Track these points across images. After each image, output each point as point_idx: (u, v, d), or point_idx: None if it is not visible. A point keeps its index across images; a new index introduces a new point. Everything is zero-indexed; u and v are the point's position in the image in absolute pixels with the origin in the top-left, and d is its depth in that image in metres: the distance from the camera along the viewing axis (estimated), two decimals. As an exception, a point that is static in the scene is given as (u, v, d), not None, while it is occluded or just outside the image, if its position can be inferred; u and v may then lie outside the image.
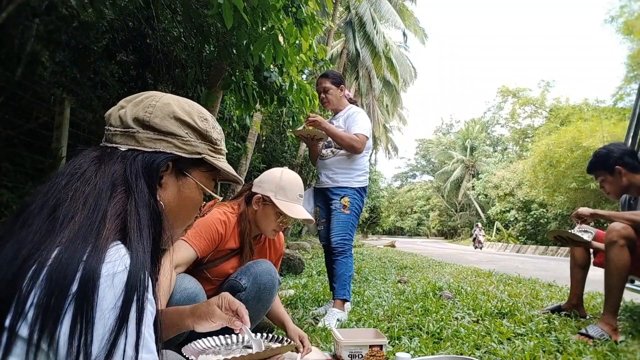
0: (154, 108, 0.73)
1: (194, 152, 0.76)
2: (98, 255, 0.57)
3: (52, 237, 0.58)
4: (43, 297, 0.53)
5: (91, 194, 0.63)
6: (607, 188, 2.34)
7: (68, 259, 0.55)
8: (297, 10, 3.00)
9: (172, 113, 0.74)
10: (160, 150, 0.72)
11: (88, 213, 0.61)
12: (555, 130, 19.06)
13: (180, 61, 4.38)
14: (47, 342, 0.53)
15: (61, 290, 0.53)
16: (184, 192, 0.78)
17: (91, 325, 0.54)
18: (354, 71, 16.91)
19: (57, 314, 0.53)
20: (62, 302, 0.53)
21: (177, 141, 0.74)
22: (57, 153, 3.44)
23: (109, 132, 0.73)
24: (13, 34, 3.48)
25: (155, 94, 0.76)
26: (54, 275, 0.54)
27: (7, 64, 3.51)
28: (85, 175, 0.65)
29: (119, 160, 0.69)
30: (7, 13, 2.79)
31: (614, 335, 1.93)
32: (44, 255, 0.56)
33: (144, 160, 0.70)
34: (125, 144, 0.71)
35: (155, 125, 0.72)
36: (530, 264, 8.71)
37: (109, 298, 0.55)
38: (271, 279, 1.62)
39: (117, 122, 0.72)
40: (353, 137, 2.54)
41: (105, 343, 0.54)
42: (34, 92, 3.68)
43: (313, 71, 8.92)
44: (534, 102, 25.87)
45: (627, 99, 18.69)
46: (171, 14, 4.17)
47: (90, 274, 0.55)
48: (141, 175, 0.69)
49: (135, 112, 0.73)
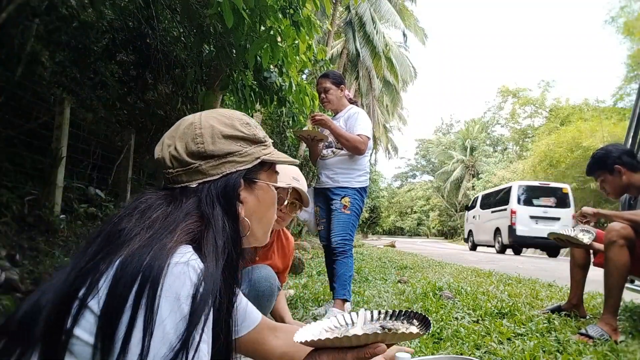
0: (202, 137, 0.74)
1: (253, 159, 0.78)
2: (167, 252, 0.59)
3: (118, 249, 0.61)
4: (111, 294, 0.56)
5: (164, 219, 0.65)
6: (607, 188, 2.34)
7: (137, 255, 0.58)
8: (295, 12, 3.01)
9: (220, 133, 0.75)
10: (227, 172, 0.74)
11: (160, 230, 0.63)
12: (555, 130, 19.08)
13: (180, 61, 4.39)
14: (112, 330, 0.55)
15: (127, 282, 0.56)
16: (261, 197, 0.81)
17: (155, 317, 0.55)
18: (354, 71, 16.92)
19: (122, 303, 0.55)
20: (127, 296, 0.55)
21: (237, 157, 0.76)
22: (57, 153, 3.44)
23: (170, 174, 0.74)
24: (13, 34, 3.48)
25: (192, 120, 0.77)
26: (123, 268, 0.57)
27: (7, 64, 3.51)
28: (156, 207, 0.68)
29: (193, 196, 0.71)
30: (7, 13, 2.80)
31: (614, 335, 1.93)
32: (109, 261, 0.60)
33: (217, 188, 0.72)
34: (194, 180, 0.73)
35: (212, 152, 0.73)
36: (530, 264, 8.71)
37: (175, 290, 0.57)
38: (270, 287, 1.60)
39: (174, 163, 0.73)
40: (357, 139, 2.53)
41: (176, 336, 0.55)
42: (34, 92, 3.68)
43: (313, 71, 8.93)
44: (534, 102, 25.89)
45: (627, 99, 18.71)
46: (171, 14, 4.17)
47: (157, 266, 0.57)
48: (217, 204, 0.71)
49: (187, 146, 0.73)
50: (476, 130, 40.33)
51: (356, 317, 0.89)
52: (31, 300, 0.62)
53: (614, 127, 14.64)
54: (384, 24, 16.92)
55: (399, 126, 32.28)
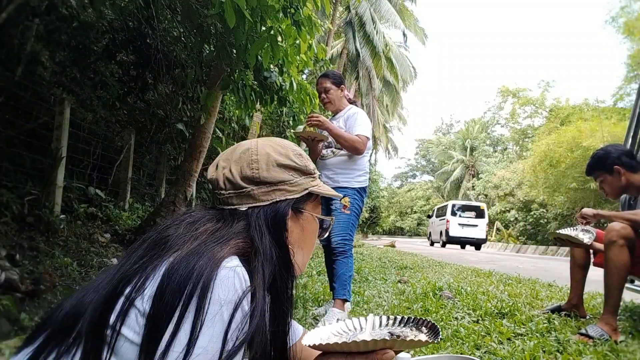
0: (257, 163, 0.76)
1: (302, 189, 0.80)
2: (217, 260, 0.61)
3: (165, 254, 0.64)
4: (156, 301, 0.58)
5: (210, 230, 0.68)
6: (606, 188, 2.34)
7: (185, 262, 0.60)
8: (296, 11, 3.01)
9: (275, 161, 0.77)
10: (277, 199, 0.76)
11: (207, 239, 0.66)
12: (555, 130, 19.06)
13: (180, 61, 4.39)
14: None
15: (175, 288, 0.58)
16: (306, 227, 0.83)
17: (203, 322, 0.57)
18: (354, 71, 16.92)
19: (171, 308, 0.57)
20: (176, 299, 0.57)
21: (287, 186, 0.78)
22: (57, 153, 3.44)
23: (222, 195, 0.76)
24: (13, 34, 3.49)
25: (249, 145, 0.79)
26: (171, 272, 0.59)
27: (7, 64, 3.51)
28: (205, 223, 0.70)
29: (242, 219, 0.73)
30: (7, 13, 2.79)
31: (614, 335, 1.93)
32: (154, 266, 0.62)
33: (267, 214, 0.74)
34: (244, 204, 0.75)
35: (265, 179, 0.76)
36: (530, 264, 8.71)
37: (222, 296, 0.59)
38: None
39: (227, 185, 0.75)
40: (355, 139, 2.53)
41: (218, 336, 0.58)
42: (34, 92, 3.68)
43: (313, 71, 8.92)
44: (534, 102, 25.87)
45: (627, 99, 18.71)
46: (171, 14, 4.17)
47: (207, 274, 0.59)
48: (266, 230, 0.72)
49: (242, 171, 0.75)
50: (476, 130, 40.32)
51: (365, 323, 0.90)
52: (74, 298, 0.64)
53: (614, 127, 14.62)
54: (384, 24, 16.92)
55: (399, 126, 32.31)
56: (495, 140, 40.29)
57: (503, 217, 24.57)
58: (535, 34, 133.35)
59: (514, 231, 23.01)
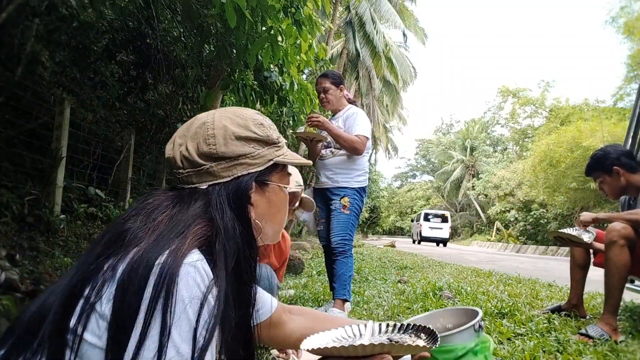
0: (214, 138, 0.72)
1: (265, 161, 0.76)
2: (179, 257, 0.58)
3: (123, 250, 0.61)
4: (117, 301, 0.56)
5: (171, 221, 0.64)
6: (606, 189, 2.34)
7: (144, 260, 0.57)
8: (296, 11, 3.01)
9: (233, 134, 0.73)
10: (239, 174, 0.73)
11: (164, 230, 0.63)
12: (555, 130, 19.05)
13: (180, 61, 4.39)
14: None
15: (136, 289, 0.55)
16: (273, 199, 0.79)
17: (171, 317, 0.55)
18: (354, 71, 16.91)
19: (134, 310, 0.55)
20: (138, 300, 0.55)
21: (249, 159, 0.74)
22: (57, 153, 3.44)
23: (180, 175, 0.73)
24: (13, 34, 3.49)
25: (205, 119, 0.75)
26: (131, 272, 0.56)
27: (7, 64, 3.51)
28: (164, 208, 0.67)
29: (202, 198, 0.69)
30: (7, 13, 2.79)
31: (614, 335, 1.93)
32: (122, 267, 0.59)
33: (228, 190, 0.71)
34: (204, 182, 0.72)
35: (224, 154, 0.72)
36: (530, 264, 8.71)
37: (186, 294, 0.57)
38: (269, 285, 1.61)
39: (185, 163, 0.72)
40: (355, 139, 2.53)
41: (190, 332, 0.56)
42: (34, 92, 3.68)
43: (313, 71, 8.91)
44: (534, 102, 25.86)
45: (627, 99, 18.70)
46: (171, 14, 4.17)
47: (169, 273, 0.56)
48: (227, 207, 0.69)
49: (198, 147, 0.72)
50: (476, 130, 40.30)
51: (364, 329, 0.90)
52: (38, 301, 0.62)
53: (614, 127, 14.61)
54: (384, 24, 16.91)
55: (399, 126, 32.27)
56: (495, 140, 40.28)
57: (503, 217, 24.56)
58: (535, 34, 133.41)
59: (514, 231, 23.01)
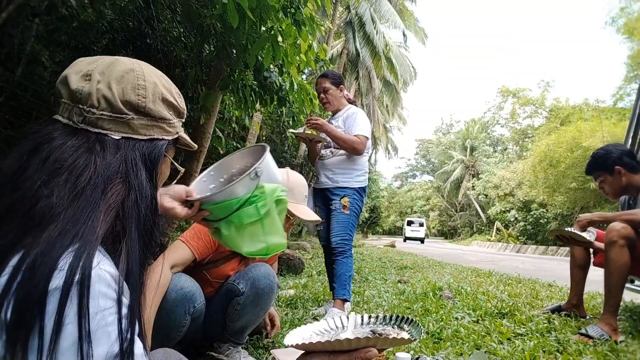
0: (145, 90, 0.67)
1: (175, 132, 0.73)
2: (87, 256, 0.53)
3: (29, 237, 0.53)
4: (13, 322, 0.48)
5: (84, 190, 0.57)
6: (606, 189, 2.34)
7: (40, 273, 0.50)
8: (296, 11, 3.00)
9: (161, 95, 0.69)
10: (155, 137, 0.68)
11: (76, 212, 0.56)
12: (555, 130, 19.07)
13: (180, 61, 4.38)
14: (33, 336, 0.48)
15: (33, 313, 0.49)
16: (164, 172, 0.76)
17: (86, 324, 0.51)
18: (354, 71, 16.91)
19: (27, 341, 0.48)
20: (42, 305, 0.49)
21: (166, 125, 0.71)
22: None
23: (90, 114, 0.62)
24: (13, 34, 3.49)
25: (132, 66, 0.68)
26: (22, 294, 0.49)
27: (7, 64, 3.51)
28: (74, 169, 0.58)
29: (114, 151, 0.62)
30: (7, 13, 2.79)
31: (614, 335, 1.93)
32: (19, 257, 0.51)
33: (142, 150, 0.66)
34: (118, 132, 0.64)
35: (149, 111, 0.67)
36: (530, 264, 8.71)
37: (102, 301, 0.53)
38: (269, 284, 1.60)
39: (102, 103, 0.63)
40: (354, 140, 2.53)
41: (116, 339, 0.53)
42: (34, 92, 3.68)
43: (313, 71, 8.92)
44: (534, 102, 25.87)
45: (627, 99, 18.72)
46: (171, 14, 4.17)
47: (78, 275, 0.51)
48: (142, 167, 0.64)
49: (125, 93, 0.64)
50: (476, 130, 40.30)
51: (347, 321, 0.90)
52: None
53: (614, 127, 14.62)
54: (384, 24, 16.91)
55: (399, 126, 32.27)
56: (495, 140, 40.28)
57: (503, 217, 24.57)
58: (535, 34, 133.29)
59: (514, 231, 23.01)
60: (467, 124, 43.11)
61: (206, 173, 1.06)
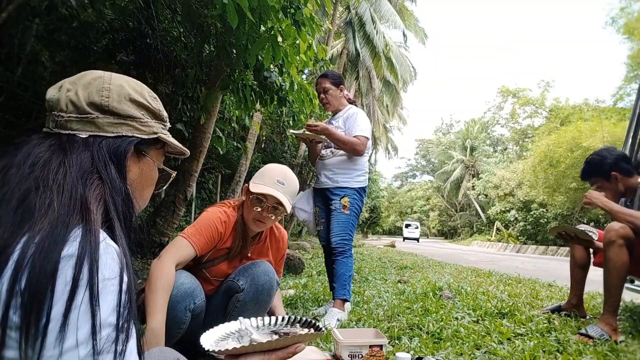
0: (109, 92, 0.72)
1: (150, 132, 0.77)
2: (95, 232, 0.58)
3: (28, 226, 0.57)
4: (27, 289, 0.52)
5: (64, 182, 0.62)
6: (605, 195, 2.32)
7: (52, 245, 0.54)
8: (296, 11, 3.01)
9: (128, 95, 0.74)
10: (123, 134, 0.73)
11: (66, 200, 0.60)
12: (555, 130, 19.06)
13: (180, 61, 4.39)
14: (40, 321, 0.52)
15: (48, 278, 0.53)
16: (145, 171, 0.79)
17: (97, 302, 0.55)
18: (354, 71, 16.91)
19: (43, 302, 0.52)
20: (50, 289, 0.52)
21: (136, 123, 0.74)
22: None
23: (60, 118, 0.69)
24: (13, 34, 3.49)
25: (102, 74, 0.74)
26: (37, 263, 0.53)
27: (7, 64, 3.51)
28: (50, 164, 0.63)
29: (83, 148, 0.67)
30: (7, 13, 2.79)
31: (614, 335, 1.93)
32: (25, 240, 0.55)
33: (109, 146, 0.70)
34: (85, 131, 0.69)
35: (114, 109, 0.72)
36: (530, 264, 8.72)
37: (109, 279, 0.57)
38: (269, 280, 1.61)
39: (69, 107, 0.69)
40: (355, 141, 2.53)
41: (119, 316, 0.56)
42: (34, 92, 3.68)
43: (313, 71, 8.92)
44: (534, 102, 25.87)
45: (627, 99, 18.71)
46: (171, 14, 4.17)
47: (83, 259, 0.55)
48: (109, 162, 0.69)
49: (90, 96, 0.70)
50: (476, 130, 40.30)
51: (248, 323, 1.08)
52: None
53: (614, 127, 14.62)
54: (384, 24, 16.91)
55: (399, 126, 32.29)
56: (495, 140, 40.28)
57: (503, 217, 24.57)
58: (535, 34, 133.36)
59: (514, 231, 23.01)
60: (467, 124, 43.12)
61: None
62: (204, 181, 8.57)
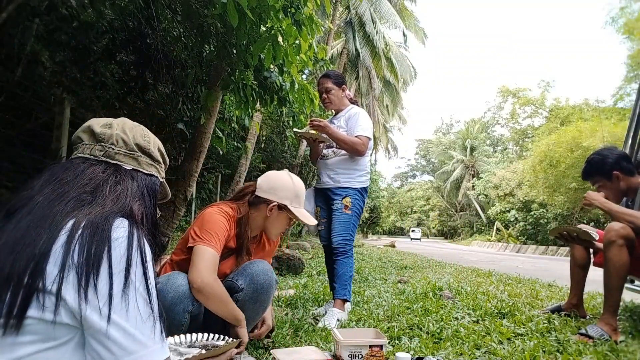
0: (149, 138, 0.93)
1: (161, 177, 0.98)
2: (135, 224, 0.78)
3: (78, 211, 0.75)
4: (82, 256, 0.69)
5: (120, 195, 0.83)
6: (606, 194, 2.31)
7: (106, 220, 0.74)
8: (296, 11, 3.00)
9: (158, 145, 0.96)
10: (154, 174, 0.94)
11: (119, 204, 0.80)
12: (555, 130, 19.07)
13: (180, 61, 4.38)
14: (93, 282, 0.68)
15: (100, 242, 0.71)
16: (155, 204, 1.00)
17: None
18: (354, 71, 16.91)
19: (98, 262, 0.69)
20: (102, 251, 0.70)
21: (158, 167, 0.96)
22: (57, 153, 3.44)
23: (110, 149, 0.87)
24: (13, 34, 3.49)
25: (138, 124, 0.95)
26: (94, 232, 0.71)
27: (7, 64, 3.51)
28: (108, 182, 0.83)
29: (129, 177, 0.87)
30: (7, 13, 2.79)
31: (614, 335, 1.93)
32: (72, 222, 0.72)
33: (146, 181, 0.91)
34: (128, 164, 0.89)
35: (151, 153, 0.93)
36: (530, 264, 8.72)
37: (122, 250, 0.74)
38: (268, 279, 1.61)
39: (119, 143, 0.88)
40: (356, 141, 2.53)
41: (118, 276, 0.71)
42: (34, 92, 3.68)
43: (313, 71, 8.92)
44: (534, 102, 25.87)
45: (627, 99, 18.71)
46: (171, 14, 4.17)
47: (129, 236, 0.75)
48: (147, 193, 0.90)
49: (135, 137, 0.90)
50: (476, 130, 40.31)
51: (183, 338, 1.32)
52: None
53: (614, 127, 14.62)
54: (384, 24, 16.90)
55: (399, 126, 32.29)
56: (495, 140, 40.28)
57: (503, 217, 24.57)
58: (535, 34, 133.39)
59: (514, 231, 23.01)
60: (467, 124, 43.13)
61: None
62: (204, 181, 8.56)
